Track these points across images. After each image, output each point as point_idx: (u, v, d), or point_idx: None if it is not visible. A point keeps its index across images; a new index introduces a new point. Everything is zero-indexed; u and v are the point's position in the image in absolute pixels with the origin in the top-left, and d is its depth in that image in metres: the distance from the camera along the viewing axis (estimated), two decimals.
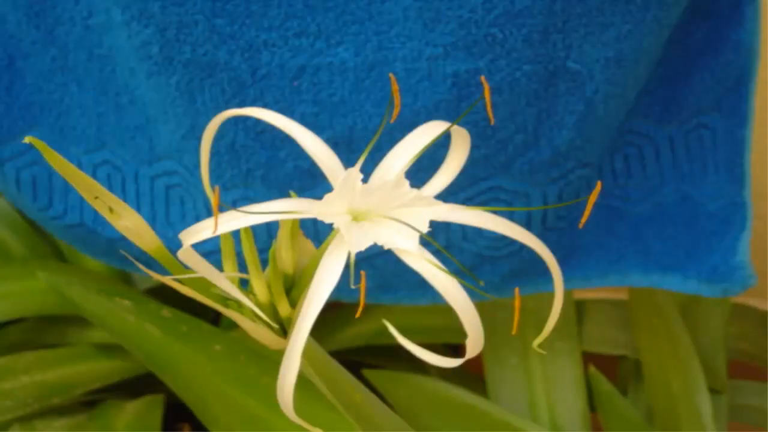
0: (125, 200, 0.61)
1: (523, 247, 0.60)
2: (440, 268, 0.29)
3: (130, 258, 0.40)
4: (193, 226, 0.28)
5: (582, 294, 0.83)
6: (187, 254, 0.28)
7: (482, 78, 0.33)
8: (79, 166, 0.64)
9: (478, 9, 0.50)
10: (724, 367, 0.77)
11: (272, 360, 0.62)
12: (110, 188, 0.62)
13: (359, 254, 0.28)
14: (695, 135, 0.63)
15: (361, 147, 0.55)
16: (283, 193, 0.58)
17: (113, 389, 0.74)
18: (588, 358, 0.77)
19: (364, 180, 0.30)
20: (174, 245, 0.30)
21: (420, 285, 0.64)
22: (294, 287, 0.34)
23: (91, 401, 0.75)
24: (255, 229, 0.33)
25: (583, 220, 0.31)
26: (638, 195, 0.64)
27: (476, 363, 0.68)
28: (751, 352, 0.82)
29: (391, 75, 0.33)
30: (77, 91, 0.62)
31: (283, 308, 0.34)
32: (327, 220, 0.29)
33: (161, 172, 0.63)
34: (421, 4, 0.51)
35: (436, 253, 0.30)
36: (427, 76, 0.53)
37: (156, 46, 0.53)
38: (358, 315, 0.31)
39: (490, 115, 0.33)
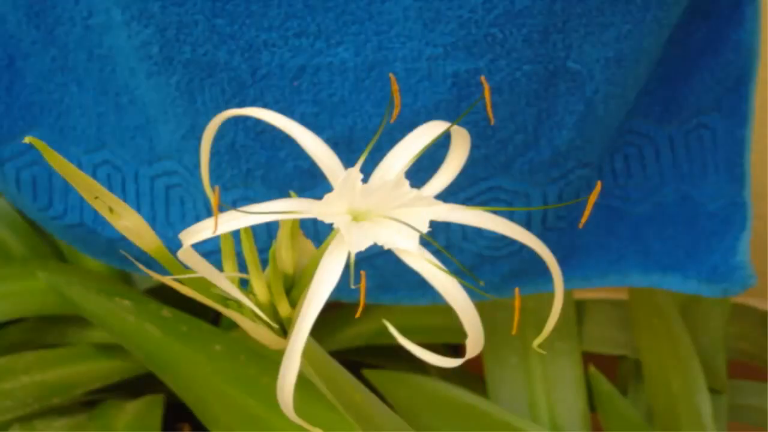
0: (125, 200, 0.61)
1: (523, 247, 0.60)
2: (440, 268, 0.29)
3: (130, 258, 0.40)
4: (193, 226, 0.28)
5: (582, 294, 0.83)
6: (187, 254, 0.28)
7: (482, 78, 0.33)
8: (79, 166, 0.64)
9: (478, 9, 0.50)
10: (724, 367, 0.77)
11: (272, 360, 0.62)
12: (110, 188, 0.62)
13: (359, 254, 0.28)
14: (695, 135, 0.63)
15: (361, 147, 0.55)
16: (283, 193, 0.58)
17: (113, 389, 0.74)
18: (588, 358, 0.77)
19: (364, 180, 0.30)
20: (174, 245, 0.30)
21: (420, 285, 0.64)
22: (294, 287, 0.34)
23: (91, 401, 0.75)
24: (255, 229, 0.33)
25: (583, 220, 0.31)
26: (638, 195, 0.64)
27: (476, 363, 0.68)
28: (751, 352, 0.82)
29: (391, 75, 0.33)
30: (77, 91, 0.62)
31: (283, 308, 0.34)
32: (327, 220, 0.29)
33: (161, 172, 0.63)
34: (421, 4, 0.51)
35: (436, 253, 0.30)
36: (427, 76, 0.53)
37: (156, 46, 0.53)
38: (358, 315, 0.31)
39: (490, 115, 0.33)
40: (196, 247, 0.28)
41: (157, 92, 0.56)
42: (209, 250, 0.38)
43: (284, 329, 0.34)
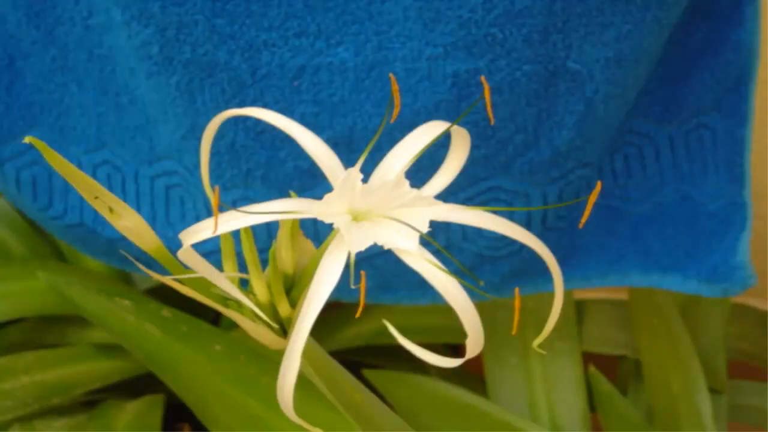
0: (125, 200, 0.61)
1: (523, 247, 0.60)
2: (440, 268, 0.29)
3: (130, 258, 0.40)
4: (193, 226, 0.28)
5: (582, 294, 0.83)
6: (187, 254, 0.28)
7: (482, 78, 0.33)
8: (79, 166, 0.64)
9: (478, 9, 0.50)
10: (724, 367, 0.77)
11: (272, 360, 0.62)
12: (110, 188, 0.62)
13: (359, 254, 0.28)
14: (695, 135, 0.63)
15: (361, 147, 0.55)
16: (283, 193, 0.58)
17: (113, 389, 0.74)
18: (588, 358, 0.77)
19: (364, 180, 0.30)
20: (174, 245, 0.30)
21: (420, 285, 0.64)
22: (294, 287, 0.34)
23: (91, 401, 0.75)
24: (255, 229, 0.33)
25: (583, 220, 0.31)
26: (638, 195, 0.64)
27: (476, 363, 0.68)
28: (751, 352, 0.82)
29: (391, 75, 0.33)
30: (77, 91, 0.62)
31: (283, 308, 0.34)
32: (327, 220, 0.29)
33: (161, 172, 0.63)
34: (421, 4, 0.51)
35: (436, 253, 0.30)
36: (427, 76, 0.53)
37: (156, 46, 0.53)
38: (358, 315, 0.31)
39: (490, 115, 0.33)
40: (196, 247, 0.28)
41: (157, 92, 0.56)
42: (209, 250, 0.38)
43: (284, 329, 0.34)
